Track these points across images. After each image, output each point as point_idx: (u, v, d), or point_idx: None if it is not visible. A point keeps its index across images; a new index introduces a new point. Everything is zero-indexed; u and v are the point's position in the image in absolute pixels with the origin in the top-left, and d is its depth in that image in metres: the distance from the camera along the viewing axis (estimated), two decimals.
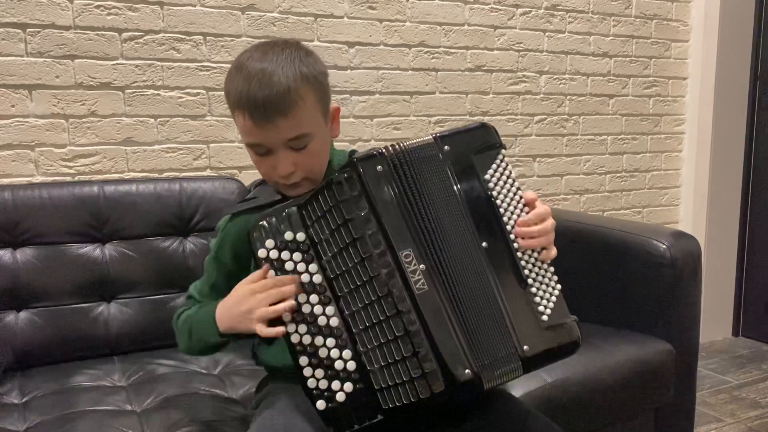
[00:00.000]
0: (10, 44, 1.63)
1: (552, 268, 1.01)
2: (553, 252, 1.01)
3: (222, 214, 1.16)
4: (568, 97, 2.49)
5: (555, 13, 2.41)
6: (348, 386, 0.95)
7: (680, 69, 2.73)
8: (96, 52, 1.72)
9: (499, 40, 2.31)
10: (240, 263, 1.10)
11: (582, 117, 2.53)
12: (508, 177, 1.01)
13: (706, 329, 2.20)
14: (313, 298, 0.96)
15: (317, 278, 0.96)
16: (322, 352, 0.95)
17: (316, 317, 0.96)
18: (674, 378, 1.54)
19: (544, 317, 0.97)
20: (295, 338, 0.96)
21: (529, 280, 0.98)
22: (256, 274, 0.98)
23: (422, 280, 0.92)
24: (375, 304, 0.93)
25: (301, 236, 0.97)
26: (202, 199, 1.65)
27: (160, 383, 1.37)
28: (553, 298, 0.99)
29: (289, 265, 0.96)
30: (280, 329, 0.94)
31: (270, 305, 0.94)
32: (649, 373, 1.49)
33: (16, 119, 1.66)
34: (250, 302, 0.96)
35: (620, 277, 1.63)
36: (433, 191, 0.96)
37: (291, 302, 0.94)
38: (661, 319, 1.57)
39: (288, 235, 0.97)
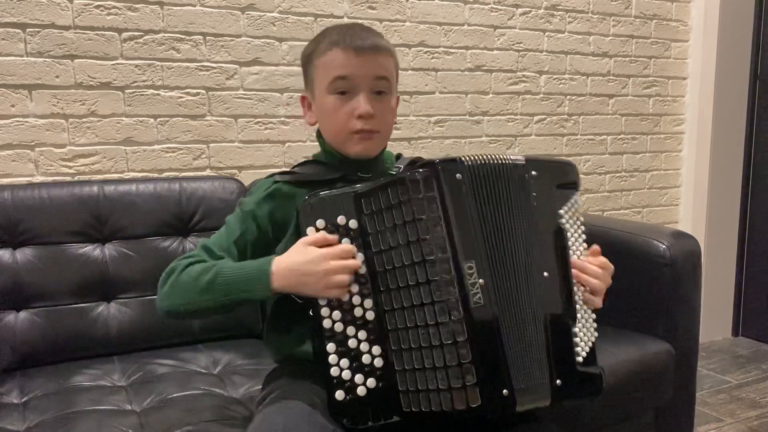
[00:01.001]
0: (10, 44, 1.63)
1: (594, 316, 1.04)
2: (599, 302, 1.04)
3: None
4: (568, 97, 2.49)
5: (555, 13, 2.41)
6: (371, 382, 0.94)
7: (680, 69, 2.73)
8: (96, 52, 1.72)
9: (498, 40, 2.31)
10: (273, 228, 1.08)
11: (582, 117, 2.53)
12: (577, 218, 1.04)
13: (706, 329, 2.20)
14: (354, 287, 0.96)
15: (361, 269, 0.96)
16: (352, 343, 0.95)
17: (353, 307, 0.95)
18: (674, 378, 1.54)
19: (579, 359, 0.99)
20: (327, 323, 0.95)
21: (577, 320, 1.00)
22: (320, 237, 0.97)
23: (480, 294, 0.91)
24: (424, 307, 0.92)
25: (353, 223, 0.97)
26: (202, 199, 1.65)
27: (160, 383, 1.37)
28: (590, 344, 1.02)
29: None
30: (344, 292, 0.95)
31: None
32: (649, 373, 1.49)
33: (16, 119, 1.66)
34: (324, 266, 0.94)
35: (620, 277, 1.62)
36: (509, 210, 0.96)
37: (352, 279, 0.95)
38: (661, 319, 1.57)
39: (341, 220, 0.97)
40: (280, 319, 1.11)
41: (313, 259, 0.95)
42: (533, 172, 0.99)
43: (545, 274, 0.98)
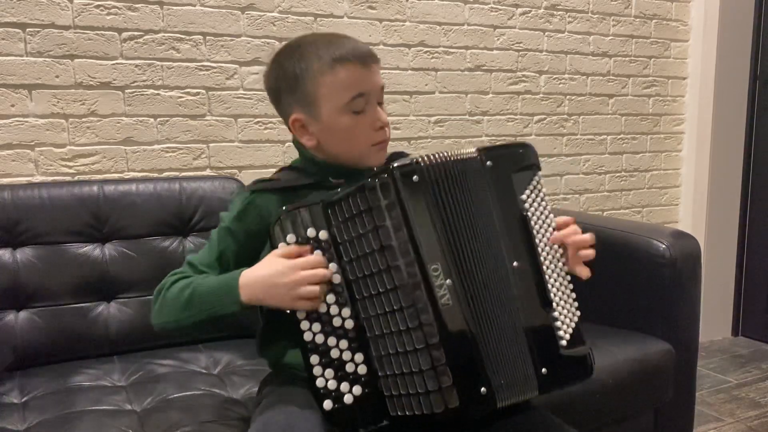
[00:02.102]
0: (10, 44, 1.63)
1: (574, 294, 1.02)
2: (587, 271, 1.03)
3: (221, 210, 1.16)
4: (568, 97, 2.49)
5: (554, 12, 2.41)
6: (357, 389, 0.95)
7: (680, 69, 2.73)
8: (96, 51, 1.72)
9: (498, 39, 2.31)
10: (252, 241, 1.08)
11: (581, 117, 2.53)
12: (542, 199, 1.02)
13: (706, 329, 2.20)
14: (330, 297, 0.95)
15: (336, 278, 0.95)
16: (334, 353, 0.95)
17: (331, 317, 0.95)
18: (674, 378, 1.54)
19: (563, 342, 0.98)
20: (308, 336, 0.95)
21: (553, 304, 0.99)
22: (291, 250, 0.96)
23: (447, 295, 0.91)
24: (396, 313, 0.91)
25: (323, 234, 0.96)
26: (202, 199, 1.65)
27: (160, 383, 1.37)
28: (573, 324, 1.01)
29: None
30: (315, 304, 0.94)
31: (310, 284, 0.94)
32: (649, 373, 1.49)
33: (16, 119, 1.66)
34: (293, 277, 0.94)
35: (620, 276, 1.63)
36: (470, 206, 0.95)
37: (323, 289, 0.94)
38: (661, 319, 1.57)
39: (310, 232, 0.96)
40: (272, 328, 1.11)
41: (280, 270, 0.95)
42: (489, 163, 0.98)
43: (515, 263, 0.97)
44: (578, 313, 1.02)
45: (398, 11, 2.12)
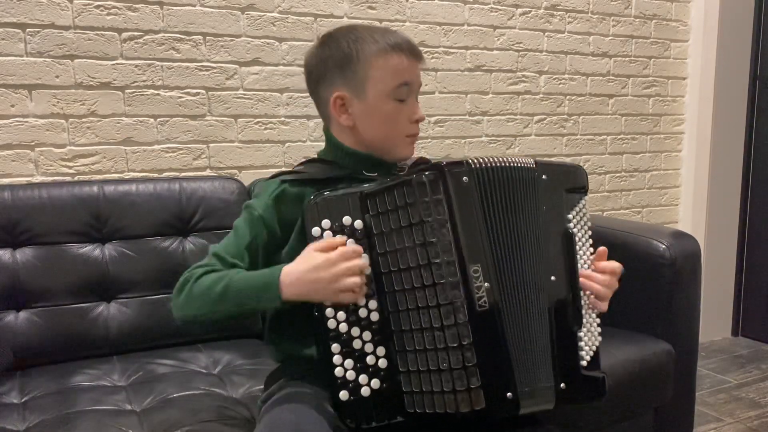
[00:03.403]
0: (10, 44, 1.63)
1: (598, 320, 1.04)
2: (604, 306, 1.05)
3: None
4: (568, 97, 2.49)
5: (554, 13, 2.41)
6: (375, 383, 0.95)
7: (680, 69, 2.74)
8: (96, 52, 1.72)
9: (498, 40, 2.31)
10: (283, 230, 1.07)
11: (581, 117, 2.53)
12: (585, 223, 1.04)
13: (706, 329, 2.20)
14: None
15: (367, 270, 0.95)
16: (357, 344, 0.95)
17: (357, 308, 0.95)
18: (674, 378, 1.54)
19: (583, 362, 1.00)
20: (332, 324, 0.95)
21: (581, 325, 1.01)
22: (328, 243, 0.95)
23: (485, 298, 0.91)
24: (430, 310, 0.92)
25: (359, 224, 0.96)
26: (202, 199, 1.65)
27: (160, 383, 1.37)
28: (594, 348, 1.03)
29: None
30: (359, 294, 0.95)
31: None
32: (649, 373, 1.49)
33: (16, 119, 1.66)
34: (333, 270, 0.93)
35: (620, 276, 1.63)
36: (517, 213, 0.96)
37: (364, 280, 0.95)
38: (661, 319, 1.57)
39: (346, 220, 0.96)
40: (281, 319, 1.10)
41: (319, 264, 0.94)
42: (543, 177, 1.00)
43: (552, 278, 0.98)
44: (600, 338, 1.04)
45: (398, 11, 2.12)
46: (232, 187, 1.69)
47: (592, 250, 1.05)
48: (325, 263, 0.94)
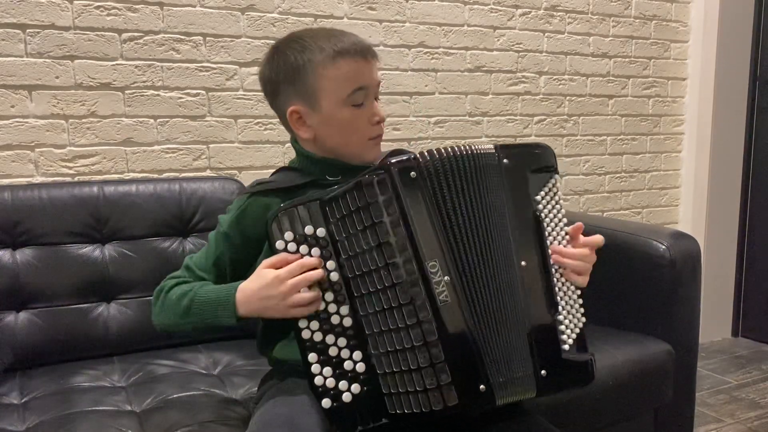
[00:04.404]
0: (10, 45, 1.63)
1: (581, 300, 1.02)
2: (583, 280, 1.02)
3: (222, 213, 1.16)
4: (568, 98, 2.49)
5: (554, 13, 2.41)
6: (355, 387, 0.94)
7: (679, 69, 2.74)
8: (96, 52, 1.72)
9: (498, 40, 2.32)
10: (249, 246, 1.08)
11: (581, 117, 2.53)
12: (556, 203, 1.01)
13: (706, 329, 2.20)
14: (329, 295, 0.95)
15: (334, 276, 0.95)
16: (332, 351, 0.95)
17: (329, 315, 0.95)
18: (674, 378, 1.54)
19: (566, 347, 0.98)
20: (306, 334, 0.95)
21: (559, 308, 0.98)
22: (279, 258, 0.96)
23: (446, 292, 0.90)
24: (394, 310, 0.91)
25: (321, 232, 0.96)
26: (202, 200, 1.65)
27: (160, 383, 1.37)
28: (577, 330, 1.00)
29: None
30: (312, 307, 0.94)
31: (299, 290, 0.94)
32: (649, 374, 1.49)
33: (16, 120, 1.66)
34: (281, 288, 0.94)
35: (620, 277, 1.63)
36: (477, 201, 0.95)
37: (317, 293, 0.94)
38: (661, 319, 1.57)
39: (308, 230, 0.96)
40: (271, 326, 1.11)
41: (269, 282, 0.95)
42: (505, 160, 0.97)
43: (522, 263, 0.96)
44: (584, 319, 1.01)
45: (398, 12, 2.12)
46: (232, 188, 1.69)
47: (566, 230, 1.02)
48: (274, 281, 0.95)
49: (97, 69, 1.73)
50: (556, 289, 0.99)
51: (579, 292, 1.03)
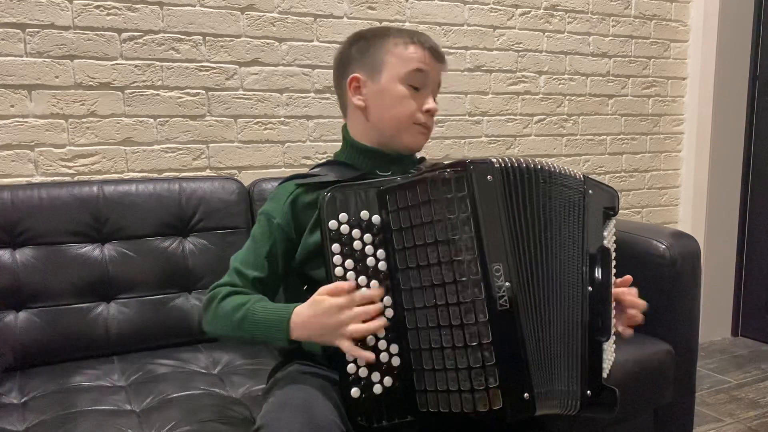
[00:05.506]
0: (10, 44, 1.63)
1: (614, 338, 1.06)
2: (629, 333, 1.09)
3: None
4: (568, 98, 2.49)
5: (554, 13, 2.41)
6: (388, 380, 0.94)
7: (679, 69, 2.74)
8: (95, 52, 1.72)
9: (498, 40, 2.31)
10: (300, 235, 1.08)
11: (581, 117, 2.53)
12: (613, 243, 1.06)
13: (706, 329, 2.20)
14: (373, 283, 0.95)
15: (382, 265, 0.95)
16: (370, 340, 0.94)
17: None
18: (674, 378, 1.54)
19: (605, 374, 1.00)
20: None
21: (611, 336, 1.01)
22: (338, 286, 0.94)
23: (506, 297, 0.90)
24: (449, 307, 0.90)
25: (376, 219, 0.96)
26: (202, 200, 1.65)
27: (160, 383, 1.37)
28: (611, 361, 1.04)
29: (357, 244, 0.95)
30: (370, 355, 0.93)
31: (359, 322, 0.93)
32: (649, 373, 1.49)
33: (16, 119, 1.66)
34: (338, 318, 0.93)
35: (620, 277, 1.62)
36: (543, 215, 0.96)
37: (382, 321, 0.93)
38: (661, 319, 1.57)
39: (363, 214, 0.96)
40: None
41: (325, 311, 0.94)
42: (590, 191, 1.02)
43: (589, 288, 0.99)
44: (614, 356, 1.05)
45: (398, 11, 2.12)
46: (232, 188, 1.69)
47: (615, 271, 1.06)
48: (333, 310, 0.94)
49: (96, 69, 1.73)
50: (613, 319, 1.02)
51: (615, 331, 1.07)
